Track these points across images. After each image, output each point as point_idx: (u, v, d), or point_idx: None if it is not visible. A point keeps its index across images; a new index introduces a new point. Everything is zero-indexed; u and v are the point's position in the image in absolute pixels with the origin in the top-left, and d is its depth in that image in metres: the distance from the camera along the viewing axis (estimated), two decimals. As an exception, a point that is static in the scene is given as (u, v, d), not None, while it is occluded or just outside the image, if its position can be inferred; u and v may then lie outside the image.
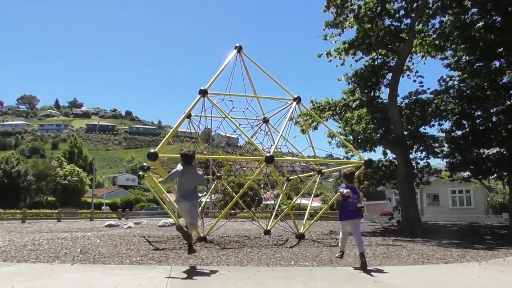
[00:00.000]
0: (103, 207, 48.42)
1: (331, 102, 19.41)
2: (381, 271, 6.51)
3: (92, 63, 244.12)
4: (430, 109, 17.19)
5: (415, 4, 16.30)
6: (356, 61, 19.07)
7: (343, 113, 18.94)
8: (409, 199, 16.44)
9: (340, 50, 18.40)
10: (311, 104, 19.75)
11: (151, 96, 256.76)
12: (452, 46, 16.76)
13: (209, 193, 14.81)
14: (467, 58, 16.76)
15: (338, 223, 8.89)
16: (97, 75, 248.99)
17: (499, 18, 14.88)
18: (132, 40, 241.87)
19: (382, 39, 17.39)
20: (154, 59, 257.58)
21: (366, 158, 11.67)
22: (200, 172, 7.08)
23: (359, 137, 17.90)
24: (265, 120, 14.22)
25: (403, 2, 16.63)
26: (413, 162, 17.99)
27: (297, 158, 13.03)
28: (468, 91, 16.94)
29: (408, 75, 18.99)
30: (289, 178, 14.30)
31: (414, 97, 18.55)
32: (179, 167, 6.96)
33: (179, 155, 7.38)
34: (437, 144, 17.34)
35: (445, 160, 17.74)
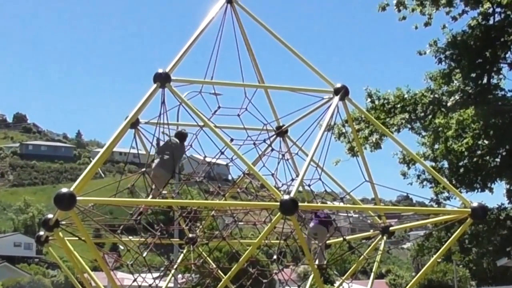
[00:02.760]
0: (-31, 299, 48.23)
1: (406, 96, 19.53)
2: None
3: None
4: None
5: None
6: (455, 18, 19.25)
7: (430, 117, 19.03)
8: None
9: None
10: (369, 100, 19.90)
11: (63, 87, 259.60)
12: None
13: (172, 271, 14.76)
14: None
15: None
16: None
17: None
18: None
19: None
20: (70, 18, 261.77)
21: (474, 204, 11.64)
22: None
23: (461, 164, 17.86)
24: (281, 132, 14.28)
25: None
26: None
27: (342, 205, 13.03)
28: None
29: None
30: (327, 242, 14.26)
31: None
32: None
33: (114, 199, 7.50)
34: None
35: None
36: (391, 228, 13.45)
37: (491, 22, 18.91)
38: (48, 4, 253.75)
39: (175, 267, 14.86)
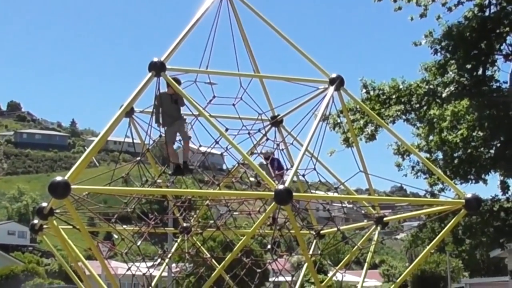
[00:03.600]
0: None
1: (401, 87, 19.53)
2: None
3: None
4: None
5: None
6: (450, 9, 19.21)
7: (425, 108, 19.03)
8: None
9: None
10: (364, 90, 19.88)
11: (58, 75, 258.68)
12: None
13: (166, 260, 14.78)
14: None
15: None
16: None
17: None
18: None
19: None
20: (61, 10, 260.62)
21: (468, 195, 11.68)
22: None
23: (455, 155, 17.88)
24: (276, 122, 14.28)
25: None
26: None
27: (337, 195, 13.04)
28: None
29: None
30: (321, 232, 14.31)
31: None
32: None
33: (109, 188, 7.51)
34: None
35: None
36: (385, 219, 13.47)
37: (487, 13, 18.89)
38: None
39: (169, 256, 14.87)
